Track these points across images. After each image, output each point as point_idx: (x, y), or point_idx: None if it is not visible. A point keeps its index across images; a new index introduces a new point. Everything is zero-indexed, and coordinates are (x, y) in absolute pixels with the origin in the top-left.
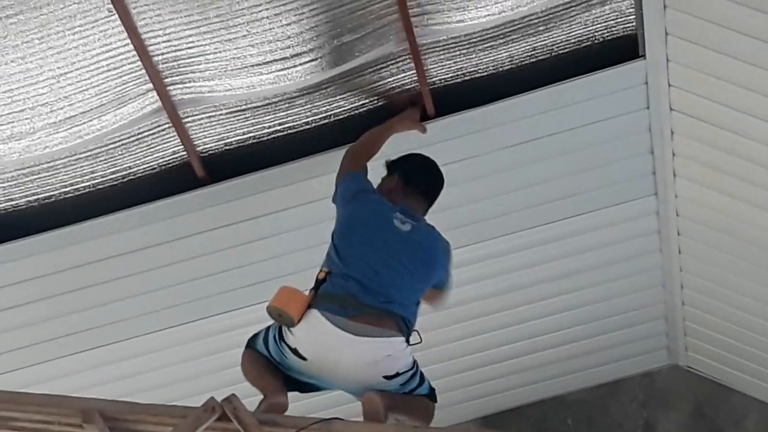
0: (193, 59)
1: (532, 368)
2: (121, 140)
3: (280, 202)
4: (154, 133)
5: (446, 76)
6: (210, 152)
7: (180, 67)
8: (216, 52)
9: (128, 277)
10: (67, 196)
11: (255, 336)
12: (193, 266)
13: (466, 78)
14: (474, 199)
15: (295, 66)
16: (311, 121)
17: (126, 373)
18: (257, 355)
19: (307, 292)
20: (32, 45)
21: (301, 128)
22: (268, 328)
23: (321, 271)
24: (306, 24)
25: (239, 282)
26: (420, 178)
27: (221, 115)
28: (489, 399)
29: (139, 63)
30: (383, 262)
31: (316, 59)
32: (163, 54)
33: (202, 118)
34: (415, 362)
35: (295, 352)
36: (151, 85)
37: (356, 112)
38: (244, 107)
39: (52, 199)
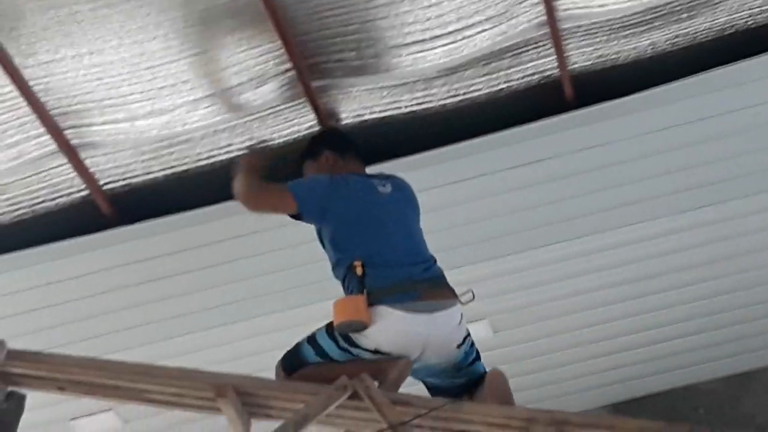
0: (329, 40)
1: (664, 357)
2: (259, 115)
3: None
4: (290, 109)
5: (586, 63)
6: (346, 127)
7: (318, 48)
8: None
9: (268, 253)
10: (203, 169)
11: (294, 355)
12: None
13: (607, 65)
14: (609, 185)
15: (433, 48)
16: (448, 103)
17: (261, 349)
18: (318, 367)
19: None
20: (175, 22)
21: (437, 110)
22: (310, 341)
23: (354, 266)
24: (446, 6)
25: None
26: (345, 142)
27: (358, 92)
28: (619, 386)
29: (280, 42)
30: (397, 232)
31: (455, 42)
32: (303, 35)
33: (339, 95)
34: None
35: (376, 351)
36: (290, 65)
37: (494, 96)
38: (380, 85)
39: (189, 173)
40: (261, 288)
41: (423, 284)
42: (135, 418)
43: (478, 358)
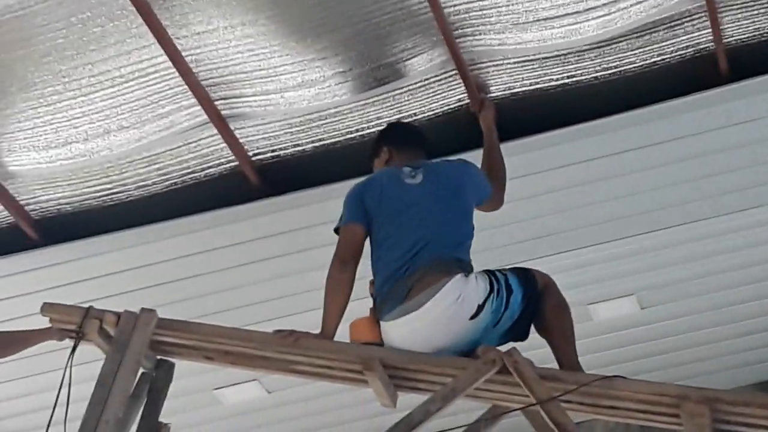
0: (484, 12)
1: None
2: (409, 88)
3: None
4: (441, 81)
5: (742, 36)
6: (496, 101)
7: (471, 19)
8: (508, 5)
9: None
10: (352, 142)
11: None
12: None
13: (764, 38)
14: (763, 161)
15: (587, 20)
16: (600, 76)
17: None
18: None
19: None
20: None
21: (589, 82)
22: None
23: (369, 283)
24: None
25: None
26: (403, 135)
27: (509, 64)
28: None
29: (431, 15)
30: (409, 223)
31: (609, 14)
32: (454, 6)
33: (490, 68)
34: (490, 280)
35: None
36: (440, 37)
37: (648, 69)
38: (532, 58)
39: (338, 145)
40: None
41: (413, 277)
42: (279, 389)
43: (510, 293)
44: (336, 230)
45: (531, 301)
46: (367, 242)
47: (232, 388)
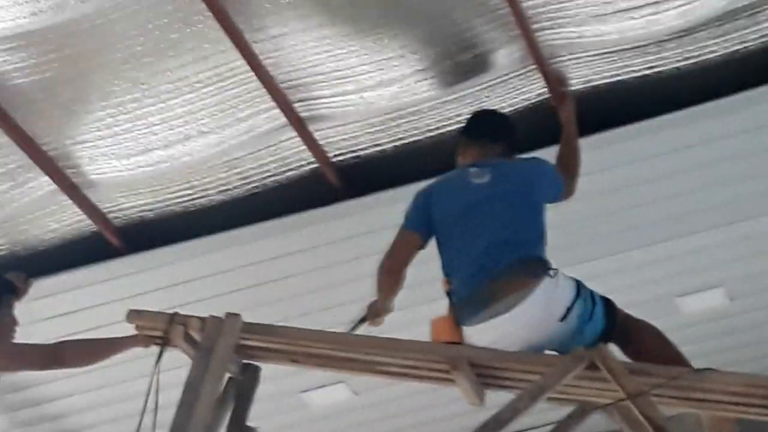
0: (562, 4)
1: None
2: (488, 83)
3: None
4: (521, 76)
5: None
6: (576, 94)
7: (549, 13)
8: None
9: None
10: (432, 140)
11: None
12: None
13: None
14: None
15: (667, 10)
16: (682, 66)
17: None
18: None
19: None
20: None
21: (671, 73)
22: None
23: (443, 281)
24: None
25: None
26: (474, 126)
27: (588, 56)
28: None
29: (509, 9)
30: (479, 228)
31: (689, 3)
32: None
33: (570, 60)
34: (577, 286)
35: None
36: (519, 32)
37: (730, 58)
38: (612, 49)
39: (419, 144)
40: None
41: (494, 284)
42: (366, 390)
43: (592, 317)
44: None
45: (612, 320)
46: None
47: (319, 391)
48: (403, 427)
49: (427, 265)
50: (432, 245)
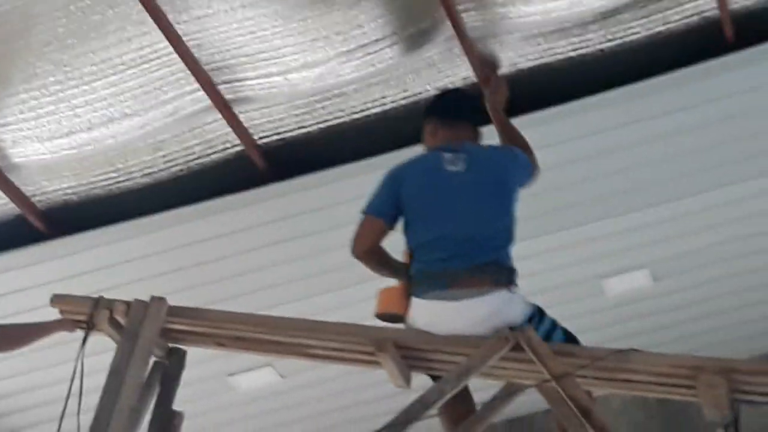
0: None
1: None
2: (413, 67)
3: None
4: (444, 59)
5: (748, 3)
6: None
7: None
8: None
9: None
10: (357, 122)
11: None
12: None
13: None
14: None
15: None
16: (605, 48)
17: None
18: None
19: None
20: None
21: (595, 55)
22: None
23: (404, 252)
24: None
25: None
26: (447, 105)
27: (513, 39)
28: None
29: None
30: (453, 216)
31: None
32: None
33: (494, 44)
34: (535, 310)
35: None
36: (443, 12)
37: (653, 39)
38: (536, 33)
39: (344, 126)
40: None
41: (459, 273)
42: (293, 373)
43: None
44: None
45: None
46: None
47: (246, 375)
48: (331, 409)
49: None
50: None
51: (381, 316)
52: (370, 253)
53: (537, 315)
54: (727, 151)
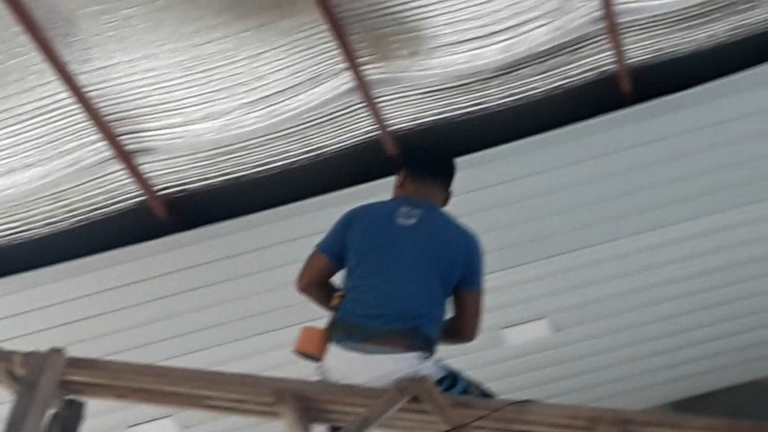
0: (387, 38)
1: (727, 353)
2: (315, 120)
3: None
4: (347, 113)
5: (644, 57)
6: (402, 132)
7: (374, 47)
8: (410, 31)
9: None
10: (260, 175)
11: None
12: None
13: (665, 58)
14: (668, 180)
15: (490, 45)
16: (506, 103)
17: None
18: None
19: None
20: (229, 25)
21: (495, 109)
22: None
23: (335, 296)
24: (502, 2)
25: None
26: (423, 162)
27: (415, 94)
28: (683, 383)
29: (335, 43)
30: (386, 271)
31: (511, 38)
32: (357, 33)
33: (396, 98)
34: (450, 371)
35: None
36: (345, 65)
37: (552, 93)
38: (438, 87)
39: (246, 179)
40: None
41: (376, 332)
42: (194, 424)
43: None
44: None
45: None
46: None
47: (146, 426)
48: None
49: (252, 300)
50: None
51: (298, 353)
52: (311, 287)
53: (450, 377)
54: (624, 203)
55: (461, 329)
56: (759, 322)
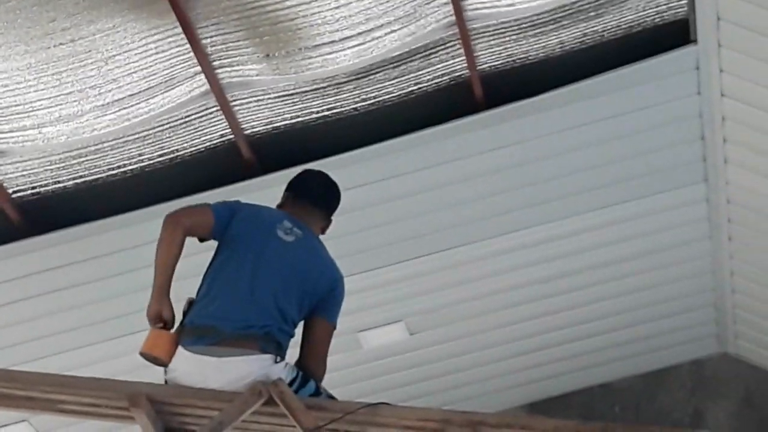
0: (239, 42)
1: (579, 355)
2: (169, 123)
3: None
4: (201, 116)
5: (496, 63)
6: (257, 135)
7: (228, 50)
8: (264, 35)
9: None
10: (114, 178)
11: None
12: None
13: (516, 64)
14: (519, 185)
15: (343, 50)
16: (360, 107)
17: None
18: None
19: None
20: (81, 28)
21: (350, 114)
22: None
23: (186, 300)
24: (355, 8)
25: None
26: (311, 189)
27: (269, 98)
28: (535, 386)
29: (188, 46)
30: (250, 277)
31: (364, 43)
32: (211, 37)
33: (251, 102)
34: (300, 374)
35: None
36: (199, 68)
37: (406, 98)
38: (292, 91)
39: (99, 182)
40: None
41: (227, 334)
42: (50, 429)
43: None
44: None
45: None
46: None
47: (2, 430)
48: None
49: (106, 304)
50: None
51: (144, 356)
52: (185, 235)
53: (300, 379)
54: (477, 208)
55: (309, 357)
56: (610, 325)
